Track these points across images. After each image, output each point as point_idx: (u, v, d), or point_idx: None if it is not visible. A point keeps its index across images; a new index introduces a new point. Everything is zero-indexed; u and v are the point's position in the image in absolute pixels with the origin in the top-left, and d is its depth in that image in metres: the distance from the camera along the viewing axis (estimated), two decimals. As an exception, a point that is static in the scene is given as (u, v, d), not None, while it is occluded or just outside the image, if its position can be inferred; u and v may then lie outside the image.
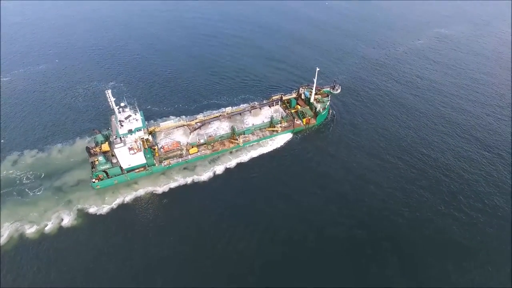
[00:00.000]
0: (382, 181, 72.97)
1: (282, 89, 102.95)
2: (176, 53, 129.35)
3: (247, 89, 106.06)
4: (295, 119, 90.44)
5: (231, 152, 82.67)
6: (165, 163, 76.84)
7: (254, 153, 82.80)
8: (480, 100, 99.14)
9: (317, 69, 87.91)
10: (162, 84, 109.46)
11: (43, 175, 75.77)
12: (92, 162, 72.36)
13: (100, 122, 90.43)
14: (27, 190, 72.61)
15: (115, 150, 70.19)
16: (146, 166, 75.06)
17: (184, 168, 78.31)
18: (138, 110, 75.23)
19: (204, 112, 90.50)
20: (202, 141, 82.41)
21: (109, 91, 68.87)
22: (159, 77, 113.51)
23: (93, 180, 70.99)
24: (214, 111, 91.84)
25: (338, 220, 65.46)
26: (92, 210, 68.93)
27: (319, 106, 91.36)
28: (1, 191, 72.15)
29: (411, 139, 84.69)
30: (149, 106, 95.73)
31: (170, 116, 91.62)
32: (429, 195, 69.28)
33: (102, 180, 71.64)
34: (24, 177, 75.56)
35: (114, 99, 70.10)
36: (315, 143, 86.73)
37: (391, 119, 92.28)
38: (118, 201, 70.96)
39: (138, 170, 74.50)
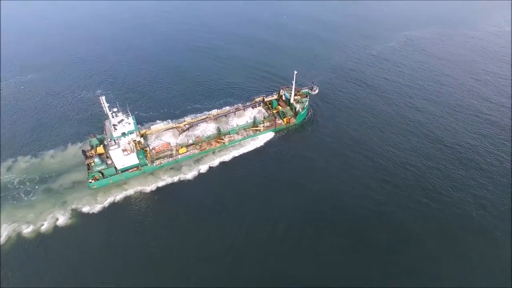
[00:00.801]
0: (352, 177, 79.95)
1: (264, 91, 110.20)
2: (158, 61, 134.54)
3: (230, 93, 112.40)
4: (277, 119, 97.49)
5: (213, 152, 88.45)
6: (157, 162, 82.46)
7: (238, 152, 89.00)
8: (441, 101, 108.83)
9: (295, 72, 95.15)
10: (147, 91, 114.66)
11: (37, 179, 79.68)
12: (88, 164, 77.18)
13: (90, 128, 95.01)
14: (23, 193, 76.45)
15: (110, 151, 75.37)
16: (139, 166, 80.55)
17: (171, 168, 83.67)
18: (130, 115, 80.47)
19: (192, 115, 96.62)
20: (190, 141, 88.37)
21: (103, 97, 74.12)
22: (144, 84, 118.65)
23: (90, 180, 75.73)
24: (201, 114, 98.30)
25: (312, 216, 71.44)
26: (85, 209, 73.41)
27: (298, 106, 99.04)
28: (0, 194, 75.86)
29: (378, 137, 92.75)
30: (136, 112, 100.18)
31: (157, 121, 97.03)
32: (393, 189, 76.91)
33: (98, 180, 76.59)
34: (20, 182, 79.14)
35: (108, 104, 75.25)
36: (294, 142, 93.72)
37: (361, 119, 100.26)
38: (110, 200, 75.71)
39: (131, 170, 79.87)
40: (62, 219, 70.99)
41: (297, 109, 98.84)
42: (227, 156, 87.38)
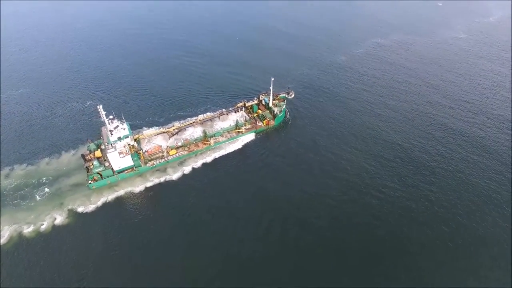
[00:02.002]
0: (315, 178, 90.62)
1: (245, 97, 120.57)
2: (143, 72, 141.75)
3: (212, 101, 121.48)
4: (257, 122, 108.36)
5: (196, 155, 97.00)
6: (150, 164, 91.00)
7: (222, 152, 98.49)
8: (398, 105, 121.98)
9: (272, 79, 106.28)
10: (130, 100, 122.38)
11: (35, 184, 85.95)
12: (87, 167, 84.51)
13: (82, 135, 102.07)
14: (22, 197, 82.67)
15: (107, 154, 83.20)
16: (134, 167, 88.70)
17: (157, 170, 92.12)
18: (125, 121, 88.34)
19: (179, 121, 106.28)
20: (179, 144, 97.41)
21: (101, 106, 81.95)
22: (127, 94, 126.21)
23: (89, 181, 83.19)
24: (188, 119, 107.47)
25: (286, 216, 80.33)
26: (80, 209, 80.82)
27: (276, 110, 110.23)
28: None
29: (341, 140, 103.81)
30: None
31: (143, 128, 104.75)
32: (354, 185, 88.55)
33: (96, 181, 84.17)
34: (19, 187, 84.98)
35: (105, 112, 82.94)
36: (271, 142, 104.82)
37: (327, 124, 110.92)
38: (102, 200, 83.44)
39: (127, 171, 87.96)
40: (60, 219, 77.93)
41: (275, 112, 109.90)
42: (209, 158, 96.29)
